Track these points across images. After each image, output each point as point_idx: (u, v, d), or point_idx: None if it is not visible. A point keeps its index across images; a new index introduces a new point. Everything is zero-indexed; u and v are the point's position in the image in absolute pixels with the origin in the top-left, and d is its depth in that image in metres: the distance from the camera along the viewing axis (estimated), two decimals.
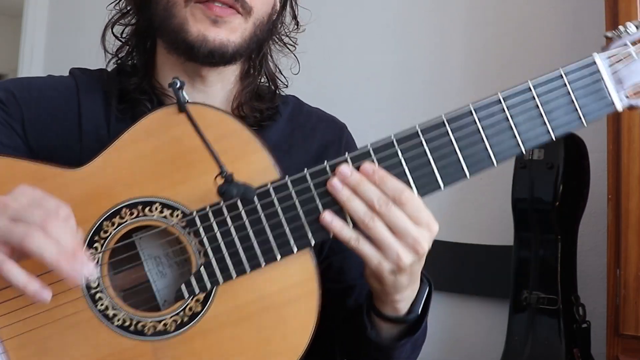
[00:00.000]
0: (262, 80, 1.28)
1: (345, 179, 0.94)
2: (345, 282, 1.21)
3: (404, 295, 1.00)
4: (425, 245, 0.93)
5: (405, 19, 2.77)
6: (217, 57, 1.11)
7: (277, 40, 1.28)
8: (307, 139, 1.24)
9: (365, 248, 0.94)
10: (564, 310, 2.08)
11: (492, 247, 2.35)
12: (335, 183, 0.94)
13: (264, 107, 1.23)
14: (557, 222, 2.09)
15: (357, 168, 0.95)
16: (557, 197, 2.07)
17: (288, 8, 1.28)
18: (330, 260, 1.20)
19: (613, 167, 1.93)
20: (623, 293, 1.88)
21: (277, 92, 1.28)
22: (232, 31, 1.11)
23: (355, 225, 0.95)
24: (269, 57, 1.28)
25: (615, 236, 1.92)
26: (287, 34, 1.30)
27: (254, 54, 1.23)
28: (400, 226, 0.92)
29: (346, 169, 0.94)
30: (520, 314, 2.12)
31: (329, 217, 0.94)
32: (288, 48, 1.30)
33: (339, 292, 1.19)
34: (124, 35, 1.23)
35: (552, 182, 2.06)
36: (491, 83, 2.51)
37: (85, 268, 0.84)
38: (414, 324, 1.06)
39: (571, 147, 2.05)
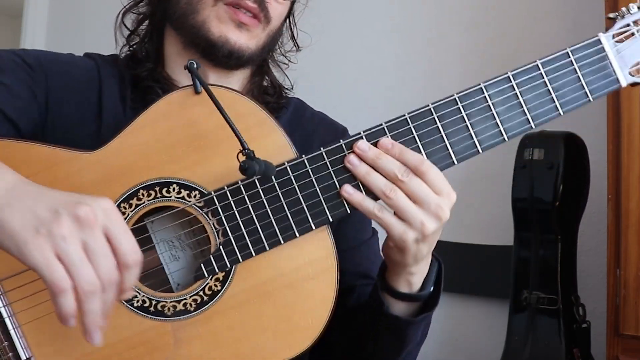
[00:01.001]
0: (268, 83, 1.31)
1: (364, 154, 0.96)
2: (345, 283, 1.21)
3: (420, 268, 1.02)
4: (447, 212, 0.95)
5: (404, 18, 2.77)
6: (234, 60, 1.15)
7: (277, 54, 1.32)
8: (307, 142, 1.25)
9: (388, 217, 0.95)
10: (564, 310, 2.08)
11: (492, 247, 2.35)
12: (352, 159, 0.96)
13: (270, 100, 1.25)
14: (557, 222, 2.09)
15: (374, 145, 0.97)
16: (557, 197, 2.08)
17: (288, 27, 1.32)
18: None
19: (613, 167, 1.94)
20: (623, 293, 1.88)
21: (282, 92, 1.31)
22: (251, 38, 1.15)
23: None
24: (271, 63, 1.31)
25: (615, 236, 1.92)
26: (285, 51, 1.34)
27: (266, 56, 1.27)
28: (422, 194, 0.94)
29: (364, 144, 0.96)
30: (520, 314, 2.12)
31: (350, 190, 0.96)
32: (284, 63, 1.34)
33: (340, 293, 1.20)
34: (136, 25, 1.24)
35: (552, 182, 2.07)
36: None
37: None
38: (427, 302, 1.07)
39: (571, 147, 2.06)
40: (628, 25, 1.03)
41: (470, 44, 2.63)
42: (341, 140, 0.98)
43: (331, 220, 0.98)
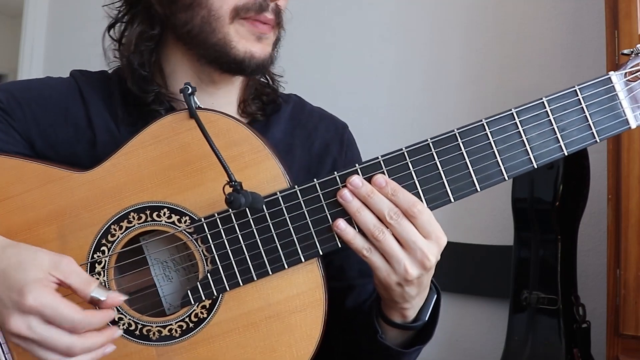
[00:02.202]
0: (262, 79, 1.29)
1: (357, 190, 0.94)
2: (346, 281, 1.21)
3: (412, 304, 1.01)
4: (433, 259, 0.94)
5: (404, 18, 2.75)
6: (260, 71, 1.14)
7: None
8: (308, 138, 1.24)
9: (375, 259, 0.94)
10: (564, 310, 2.08)
11: (492, 247, 2.35)
12: (345, 194, 0.94)
13: (266, 99, 1.24)
14: (557, 222, 2.08)
15: (368, 179, 0.95)
16: (557, 197, 2.06)
17: None
18: (331, 258, 1.20)
19: (613, 167, 1.93)
20: (623, 293, 1.88)
21: (278, 86, 1.29)
22: (269, 45, 1.13)
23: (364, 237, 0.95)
24: None
25: (615, 236, 1.92)
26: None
27: None
28: (409, 239, 0.92)
29: (357, 180, 0.94)
30: (520, 314, 2.13)
31: (342, 225, 0.94)
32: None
33: (338, 291, 1.20)
34: (125, 40, 1.20)
35: (552, 182, 2.06)
36: (490, 83, 2.51)
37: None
38: (422, 331, 1.07)
39: None
40: None
41: (470, 44, 2.60)
42: (335, 173, 0.96)
43: (321, 253, 0.96)
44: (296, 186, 0.96)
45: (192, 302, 0.97)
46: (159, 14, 1.13)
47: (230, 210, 0.96)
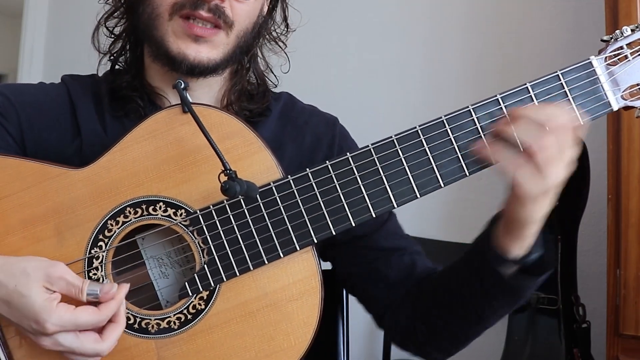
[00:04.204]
0: (252, 79, 1.27)
1: (515, 111, 0.96)
2: (377, 261, 1.19)
3: (537, 227, 1.02)
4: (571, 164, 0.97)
5: (403, 17, 2.76)
6: (197, 73, 1.12)
7: (267, 40, 1.29)
8: (299, 134, 1.24)
9: (523, 169, 0.95)
10: (564, 310, 2.08)
11: None
12: (499, 126, 0.96)
13: (254, 107, 1.23)
14: (557, 222, 2.09)
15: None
16: (557, 197, 2.07)
17: (279, 9, 1.29)
18: (354, 245, 1.20)
19: (613, 167, 1.93)
20: (623, 293, 1.88)
21: (268, 90, 1.28)
22: (213, 48, 1.12)
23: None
24: (259, 57, 1.28)
25: (615, 236, 1.92)
26: (278, 33, 1.30)
27: (243, 55, 1.23)
28: (562, 145, 0.94)
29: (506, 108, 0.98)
30: (520, 314, 2.12)
31: (484, 143, 0.97)
32: (279, 45, 1.31)
33: (374, 272, 1.19)
34: (115, 32, 1.23)
35: None
36: (489, 82, 2.52)
37: None
38: (536, 265, 1.05)
39: None
40: (621, 48, 1.01)
41: (470, 44, 2.61)
42: (327, 162, 0.98)
43: (315, 241, 0.98)
44: (289, 176, 0.98)
45: (190, 294, 0.98)
46: (128, 13, 1.18)
47: (225, 200, 0.97)
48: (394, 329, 1.19)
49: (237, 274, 0.97)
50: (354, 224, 0.98)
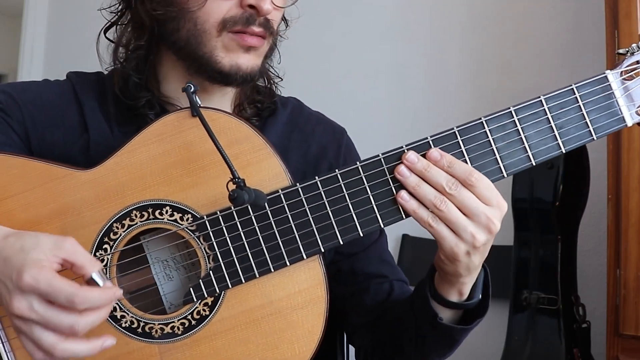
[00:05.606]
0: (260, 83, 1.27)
1: (413, 165, 0.95)
2: (358, 284, 1.21)
3: (472, 276, 1.02)
4: (497, 223, 0.96)
5: (403, 18, 2.76)
6: (248, 82, 1.13)
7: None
8: (305, 141, 1.24)
9: (441, 228, 0.95)
10: (564, 310, 2.09)
11: (492, 247, 2.33)
12: (403, 170, 0.95)
13: (264, 103, 1.23)
14: (557, 222, 2.09)
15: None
16: (557, 197, 2.07)
17: None
18: (339, 264, 1.20)
19: (613, 167, 1.94)
20: (623, 293, 1.89)
21: (275, 87, 1.28)
22: (258, 56, 1.12)
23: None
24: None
25: (615, 236, 1.93)
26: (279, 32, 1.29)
27: None
28: (472, 207, 0.94)
29: (413, 155, 0.95)
30: (520, 314, 2.13)
31: (406, 196, 0.96)
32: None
33: (353, 294, 1.21)
34: (124, 44, 1.18)
35: (552, 182, 2.07)
36: (489, 83, 2.51)
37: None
38: (475, 308, 1.07)
39: None
40: (637, 62, 0.99)
41: (470, 44, 2.61)
42: (337, 170, 0.97)
43: (323, 250, 0.97)
44: (298, 184, 0.97)
45: (195, 300, 0.97)
46: (146, 25, 1.12)
47: (232, 207, 0.96)
48: (360, 349, 1.24)
49: (243, 280, 0.97)
50: (362, 234, 0.97)
